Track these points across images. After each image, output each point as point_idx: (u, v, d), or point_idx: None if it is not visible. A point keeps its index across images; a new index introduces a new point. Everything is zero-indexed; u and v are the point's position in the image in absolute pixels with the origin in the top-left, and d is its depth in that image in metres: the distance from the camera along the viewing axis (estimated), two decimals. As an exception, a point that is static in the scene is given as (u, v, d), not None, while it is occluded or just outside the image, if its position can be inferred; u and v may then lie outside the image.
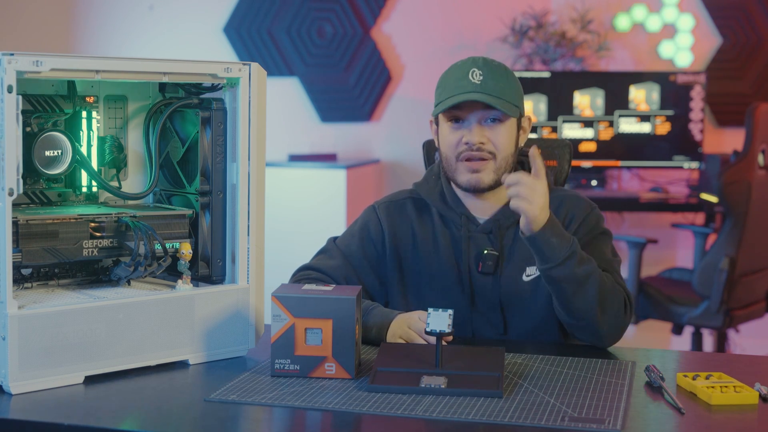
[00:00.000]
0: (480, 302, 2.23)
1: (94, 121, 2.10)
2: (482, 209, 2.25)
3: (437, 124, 2.26)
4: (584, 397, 1.79)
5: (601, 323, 2.09)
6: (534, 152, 2.06)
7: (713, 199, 4.65)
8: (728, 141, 5.22)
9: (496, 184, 2.20)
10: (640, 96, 5.05)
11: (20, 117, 1.77)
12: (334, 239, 2.34)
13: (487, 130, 2.18)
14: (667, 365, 2.04)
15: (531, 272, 2.22)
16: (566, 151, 2.49)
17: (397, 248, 2.28)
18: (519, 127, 2.24)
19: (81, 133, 2.08)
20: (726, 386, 1.80)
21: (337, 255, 2.29)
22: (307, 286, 1.96)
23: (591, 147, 5.06)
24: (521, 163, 2.31)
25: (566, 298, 2.08)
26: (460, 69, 2.20)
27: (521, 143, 2.26)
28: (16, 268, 1.90)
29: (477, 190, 2.20)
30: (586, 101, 5.06)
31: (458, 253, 2.25)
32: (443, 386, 1.80)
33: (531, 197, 2.02)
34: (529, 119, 2.29)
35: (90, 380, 1.86)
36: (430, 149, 2.57)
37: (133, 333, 1.91)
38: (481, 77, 2.16)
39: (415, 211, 2.31)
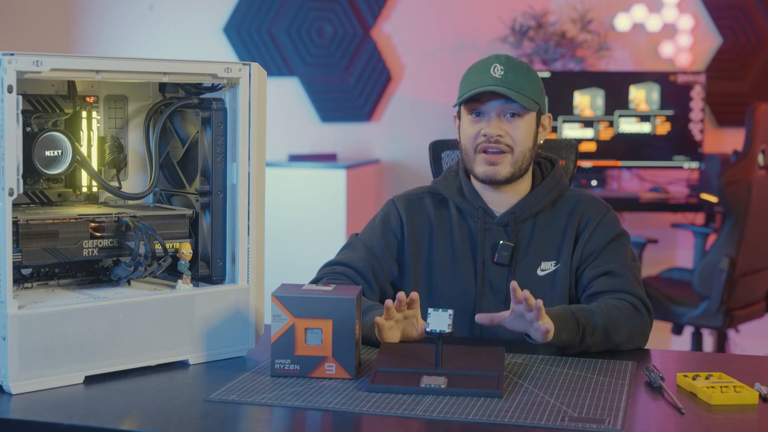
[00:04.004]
0: (492, 294, 2.25)
1: (94, 121, 2.10)
2: (499, 203, 2.28)
3: (459, 118, 2.29)
4: (584, 397, 1.79)
5: (624, 347, 2.13)
6: (526, 294, 1.99)
7: (713, 199, 4.65)
8: (728, 141, 5.21)
9: (513, 177, 2.24)
10: (640, 96, 5.05)
11: (20, 117, 1.77)
12: (356, 234, 2.39)
13: (506, 124, 2.22)
14: (667, 365, 2.04)
15: (546, 267, 2.26)
16: (572, 151, 2.53)
17: (414, 237, 2.32)
18: (538, 123, 2.28)
19: (81, 133, 2.08)
20: (726, 386, 1.80)
21: (360, 248, 2.32)
22: (307, 286, 1.97)
23: (591, 147, 5.06)
24: (538, 163, 2.34)
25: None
26: (482, 64, 2.25)
27: (540, 140, 2.30)
28: (16, 268, 1.90)
29: (493, 182, 2.24)
30: (586, 101, 5.06)
31: (474, 245, 2.29)
32: (443, 386, 1.80)
33: (544, 322, 2.00)
34: (549, 117, 2.33)
35: (90, 380, 1.86)
36: (436, 150, 2.58)
37: (133, 333, 1.91)
38: (502, 72, 2.21)
39: (432, 205, 2.35)
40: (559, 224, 2.28)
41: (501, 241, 2.26)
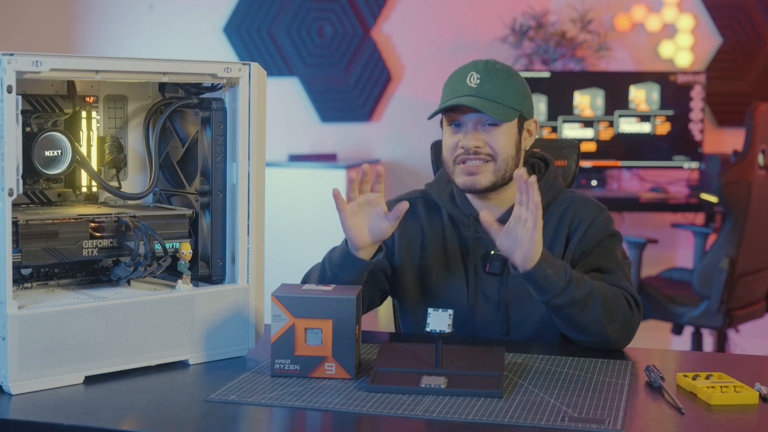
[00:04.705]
0: (485, 302, 2.23)
1: (94, 121, 2.10)
2: (491, 210, 2.24)
3: (442, 126, 2.26)
4: (584, 397, 1.79)
5: (609, 332, 2.08)
6: (531, 181, 1.97)
7: (713, 199, 4.65)
8: (728, 141, 5.22)
9: (495, 186, 2.20)
10: (640, 96, 5.05)
11: (20, 117, 1.77)
12: None
13: (484, 134, 2.17)
14: (667, 365, 2.04)
15: None
16: (574, 151, 2.50)
17: (406, 243, 2.30)
18: (522, 129, 2.23)
19: (81, 133, 2.08)
20: (726, 386, 1.80)
21: None
22: (307, 286, 1.96)
23: (591, 147, 5.07)
24: (532, 165, 2.31)
25: (571, 320, 2.08)
26: (460, 73, 2.20)
27: (525, 146, 2.25)
28: (16, 268, 1.90)
29: (473, 192, 2.21)
30: (586, 101, 5.07)
31: (466, 254, 2.26)
32: (443, 386, 1.80)
33: (533, 235, 1.98)
34: (536, 122, 2.27)
35: (90, 380, 1.86)
36: (437, 150, 2.57)
37: (133, 333, 1.91)
38: (479, 81, 2.16)
39: (425, 211, 2.32)
40: (549, 229, 2.24)
41: (492, 251, 2.23)
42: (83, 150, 2.08)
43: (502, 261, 2.22)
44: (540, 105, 5.03)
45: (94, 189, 2.14)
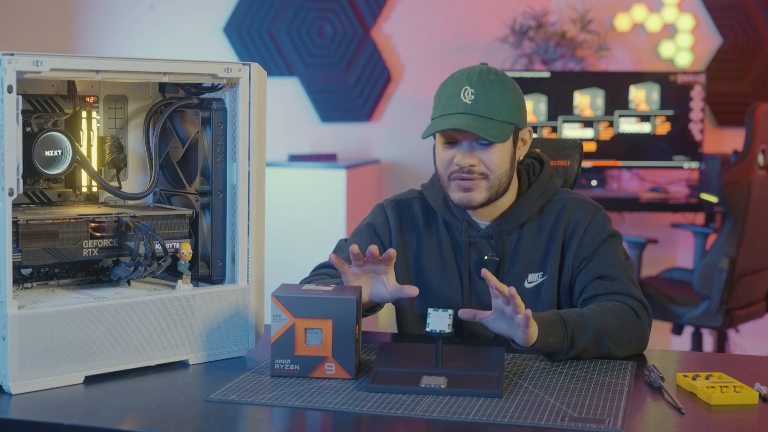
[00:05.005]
0: (479, 306, 2.20)
1: (94, 121, 2.10)
2: (484, 216, 2.23)
3: (434, 136, 2.22)
4: (584, 397, 1.79)
5: (622, 354, 2.06)
6: (513, 293, 1.93)
7: (713, 199, 4.66)
8: (728, 141, 5.22)
9: (490, 201, 2.17)
10: (640, 96, 5.06)
11: (20, 117, 1.77)
12: (344, 240, 2.35)
13: (480, 152, 2.14)
14: (667, 365, 2.04)
15: (533, 279, 2.21)
16: (577, 151, 2.48)
17: (403, 246, 2.28)
18: (517, 139, 2.20)
19: (81, 133, 2.08)
20: (726, 386, 1.80)
21: (346, 250, 2.28)
22: (307, 286, 1.96)
23: (591, 147, 5.07)
24: (527, 165, 2.28)
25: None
26: (455, 84, 2.15)
27: (520, 156, 2.23)
28: (16, 268, 1.90)
29: (469, 208, 2.19)
30: (586, 101, 5.07)
31: (460, 258, 2.25)
32: (443, 386, 1.80)
33: (527, 331, 1.94)
34: (530, 131, 2.24)
35: (90, 380, 1.86)
36: None
37: (133, 333, 1.91)
38: (473, 96, 2.11)
39: (421, 213, 2.30)
40: (544, 232, 2.22)
41: (486, 257, 2.21)
42: (83, 150, 2.08)
43: (496, 266, 2.21)
44: (540, 105, 5.03)
45: (95, 189, 2.14)
